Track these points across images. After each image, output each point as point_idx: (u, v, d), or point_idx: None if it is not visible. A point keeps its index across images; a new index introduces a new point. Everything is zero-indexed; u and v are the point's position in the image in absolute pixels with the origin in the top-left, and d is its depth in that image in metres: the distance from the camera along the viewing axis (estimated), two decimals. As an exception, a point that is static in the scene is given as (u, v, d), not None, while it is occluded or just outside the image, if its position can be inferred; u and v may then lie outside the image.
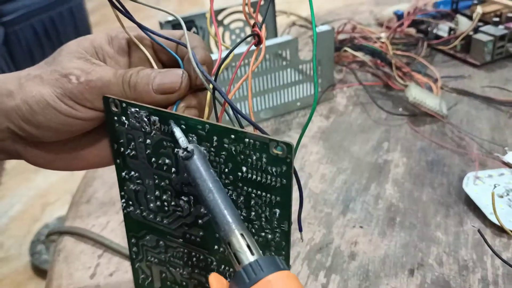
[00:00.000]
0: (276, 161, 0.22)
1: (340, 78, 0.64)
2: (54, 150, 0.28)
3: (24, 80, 0.26)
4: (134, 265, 0.33)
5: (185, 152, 0.23)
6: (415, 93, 0.53)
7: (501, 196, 0.41)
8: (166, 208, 0.28)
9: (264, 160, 0.23)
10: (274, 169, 0.22)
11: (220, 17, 0.63)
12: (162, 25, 0.58)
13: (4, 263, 1.13)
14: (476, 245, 0.38)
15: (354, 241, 0.39)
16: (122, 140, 0.27)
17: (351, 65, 0.66)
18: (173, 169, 0.26)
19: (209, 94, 0.25)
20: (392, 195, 0.44)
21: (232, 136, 0.23)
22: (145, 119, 0.25)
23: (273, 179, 0.23)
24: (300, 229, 0.26)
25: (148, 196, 0.28)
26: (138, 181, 0.28)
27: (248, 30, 0.67)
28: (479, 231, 0.34)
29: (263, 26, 0.24)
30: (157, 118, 0.25)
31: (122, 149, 0.27)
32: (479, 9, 0.64)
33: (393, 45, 0.66)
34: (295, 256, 0.38)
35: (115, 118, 0.26)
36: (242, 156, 0.23)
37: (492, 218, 0.39)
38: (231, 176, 0.24)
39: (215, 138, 0.23)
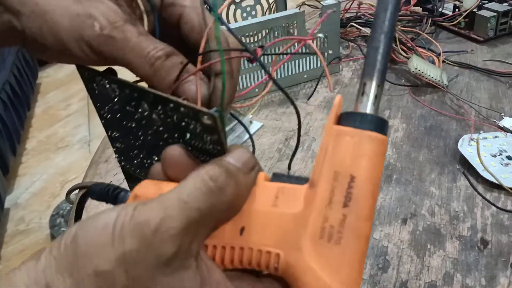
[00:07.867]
0: (209, 129, 0.23)
1: (347, 53, 0.67)
2: None
3: None
4: None
5: None
6: (417, 64, 0.55)
7: (494, 156, 0.44)
8: (146, 165, 0.29)
9: (199, 128, 0.23)
10: (208, 137, 0.23)
11: (231, -6, 0.66)
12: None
13: (25, 235, 1.19)
14: (468, 198, 0.40)
15: (353, 194, 0.42)
16: (98, 104, 0.28)
17: (358, 41, 0.68)
18: (140, 132, 0.27)
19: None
20: (390, 155, 0.46)
21: (171, 105, 0.24)
22: (107, 86, 0.26)
23: (210, 146, 0.24)
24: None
25: (130, 153, 0.29)
26: (121, 139, 0.29)
27: (259, 8, 0.70)
28: (464, 173, 0.36)
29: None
30: (116, 86, 0.26)
31: (101, 111, 0.28)
32: (484, -14, 0.65)
33: (399, 22, 0.68)
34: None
35: (89, 85, 0.27)
36: (183, 124, 0.24)
37: (485, 175, 0.41)
38: (181, 141, 0.25)
39: (159, 106, 0.24)
